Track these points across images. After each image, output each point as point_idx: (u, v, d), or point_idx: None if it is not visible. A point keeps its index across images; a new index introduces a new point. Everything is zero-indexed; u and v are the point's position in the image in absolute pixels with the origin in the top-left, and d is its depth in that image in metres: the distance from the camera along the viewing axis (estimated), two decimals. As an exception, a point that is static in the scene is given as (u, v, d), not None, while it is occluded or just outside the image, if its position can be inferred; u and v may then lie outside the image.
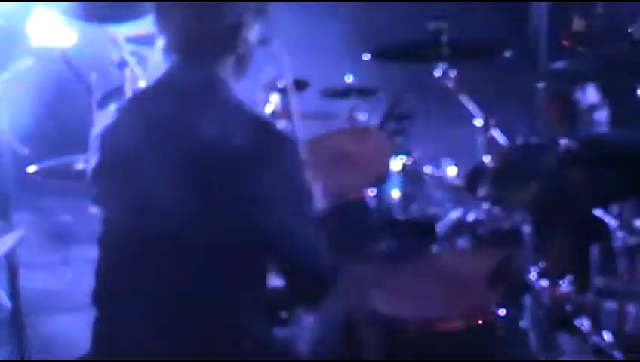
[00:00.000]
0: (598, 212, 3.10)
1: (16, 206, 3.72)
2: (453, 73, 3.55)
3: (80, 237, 4.32)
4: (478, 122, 3.50)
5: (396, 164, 3.45)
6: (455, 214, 3.29)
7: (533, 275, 2.93)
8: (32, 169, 3.51)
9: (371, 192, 3.09)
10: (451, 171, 3.59)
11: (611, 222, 3.05)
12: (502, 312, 2.62)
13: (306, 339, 2.71)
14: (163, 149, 2.05)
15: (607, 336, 2.90)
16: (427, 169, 3.60)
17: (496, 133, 3.46)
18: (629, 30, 3.42)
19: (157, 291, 2.06)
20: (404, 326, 2.56)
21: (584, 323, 2.92)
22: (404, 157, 3.53)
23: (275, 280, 2.18)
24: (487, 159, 3.34)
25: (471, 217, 3.23)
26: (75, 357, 2.39)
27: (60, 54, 3.34)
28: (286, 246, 2.09)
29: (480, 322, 2.58)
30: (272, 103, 3.76)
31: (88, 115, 3.77)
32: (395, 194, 3.38)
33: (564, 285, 2.98)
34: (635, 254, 3.00)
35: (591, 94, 3.44)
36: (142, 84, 3.12)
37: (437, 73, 3.56)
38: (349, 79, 4.29)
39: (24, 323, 3.57)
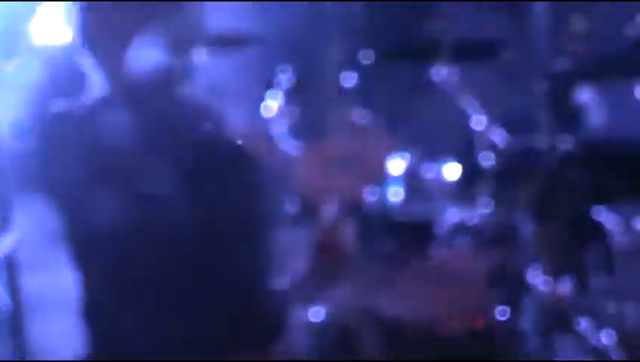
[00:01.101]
0: (597, 212, 3.11)
1: (16, 205, 3.72)
2: (453, 73, 3.55)
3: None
4: (478, 122, 3.50)
5: (396, 164, 3.45)
6: (455, 214, 3.29)
7: (533, 275, 2.93)
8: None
9: (371, 193, 3.10)
10: (451, 171, 3.59)
11: (611, 222, 3.06)
12: (501, 312, 2.62)
13: (305, 340, 2.71)
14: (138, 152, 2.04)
15: (606, 336, 2.90)
16: (427, 169, 3.60)
17: (497, 133, 3.46)
18: (629, 30, 3.42)
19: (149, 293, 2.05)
20: (403, 327, 2.56)
21: (584, 324, 2.92)
22: (404, 158, 3.52)
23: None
24: (487, 159, 3.34)
25: (471, 217, 3.23)
26: (75, 357, 2.39)
27: (60, 53, 3.33)
28: None
29: (479, 322, 2.58)
30: (271, 104, 3.75)
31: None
32: (395, 194, 3.39)
33: (564, 285, 2.98)
34: (634, 254, 3.00)
35: (589, 95, 3.44)
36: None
37: (437, 73, 3.57)
38: (349, 79, 4.29)
39: (24, 323, 3.57)
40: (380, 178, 3.23)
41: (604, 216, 3.09)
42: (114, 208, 2.06)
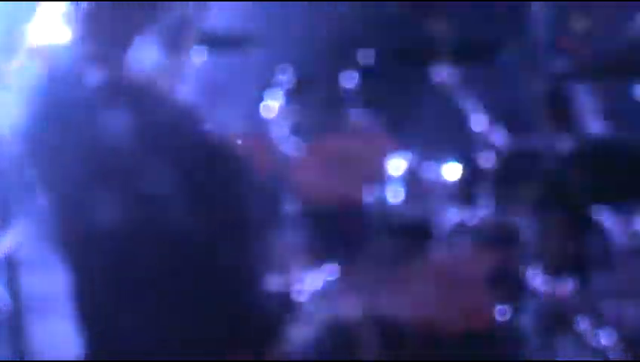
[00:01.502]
0: (597, 212, 3.10)
1: (16, 205, 3.71)
2: (453, 73, 3.55)
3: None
4: (478, 122, 3.50)
5: (396, 164, 3.45)
6: (455, 214, 3.29)
7: (533, 275, 2.93)
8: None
9: (371, 193, 3.09)
10: (451, 171, 3.59)
11: (611, 222, 3.06)
12: (501, 312, 2.62)
13: (305, 341, 2.71)
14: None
15: (606, 336, 2.90)
16: (427, 169, 3.60)
17: (497, 133, 3.46)
18: (629, 30, 3.42)
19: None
20: (403, 327, 2.56)
21: (584, 324, 2.92)
22: (404, 158, 3.52)
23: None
24: (487, 159, 3.34)
25: (471, 217, 3.23)
26: (75, 357, 2.39)
27: (60, 53, 3.33)
28: None
29: (479, 322, 2.58)
30: (271, 104, 3.75)
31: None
32: (395, 194, 3.38)
33: (564, 285, 2.98)
34: (635, 254, 3.00)
35: (588, 95, 3.44)
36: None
37: (437, 73, 3.56)
38: (349, 79, 4.28)
39: (24, 323, 3.57)
40: (380, 178, 3.22)
41: (604, 216, 3.09)
42: (111, 208, 2.06)
